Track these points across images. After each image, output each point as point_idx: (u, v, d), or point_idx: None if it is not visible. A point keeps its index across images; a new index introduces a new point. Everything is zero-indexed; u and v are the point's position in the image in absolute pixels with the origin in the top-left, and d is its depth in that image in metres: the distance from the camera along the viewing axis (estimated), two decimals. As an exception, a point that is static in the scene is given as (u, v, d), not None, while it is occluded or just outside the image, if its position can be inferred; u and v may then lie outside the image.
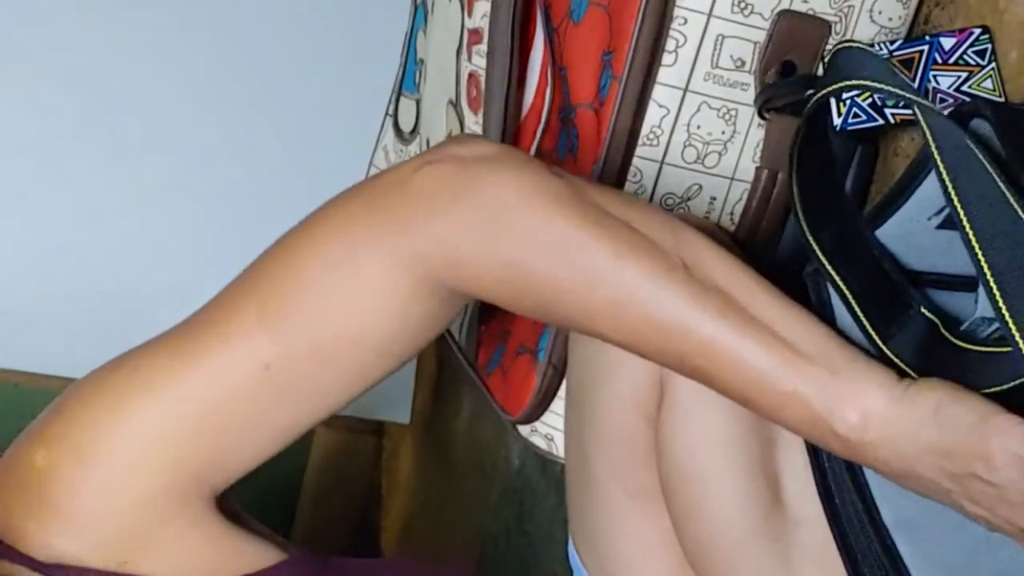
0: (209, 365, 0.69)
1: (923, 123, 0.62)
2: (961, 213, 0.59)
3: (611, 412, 0.80)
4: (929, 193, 0.73)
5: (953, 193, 0.60)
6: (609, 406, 0.80)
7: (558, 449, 1.01)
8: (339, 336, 0.69)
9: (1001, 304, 0.57)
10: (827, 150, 0.78)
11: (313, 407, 0.72)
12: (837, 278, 0.70)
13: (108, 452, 0.69)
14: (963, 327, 0.68)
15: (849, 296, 0.69)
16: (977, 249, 0.58)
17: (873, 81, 0.66)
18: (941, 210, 0.73)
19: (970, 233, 0.59)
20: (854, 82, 0.66)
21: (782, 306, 0.66)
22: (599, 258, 0.65)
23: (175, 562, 0.70)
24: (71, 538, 0.69)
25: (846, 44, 0.70)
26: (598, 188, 0.68)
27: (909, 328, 0.67)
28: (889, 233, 0.74)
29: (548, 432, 1.01)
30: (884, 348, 0.66)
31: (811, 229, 0.72)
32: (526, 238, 0.66)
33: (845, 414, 0.63)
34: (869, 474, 0.72)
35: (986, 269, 0.58)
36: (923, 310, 0.67)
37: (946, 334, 0.67)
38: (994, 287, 0.58)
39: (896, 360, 0.66)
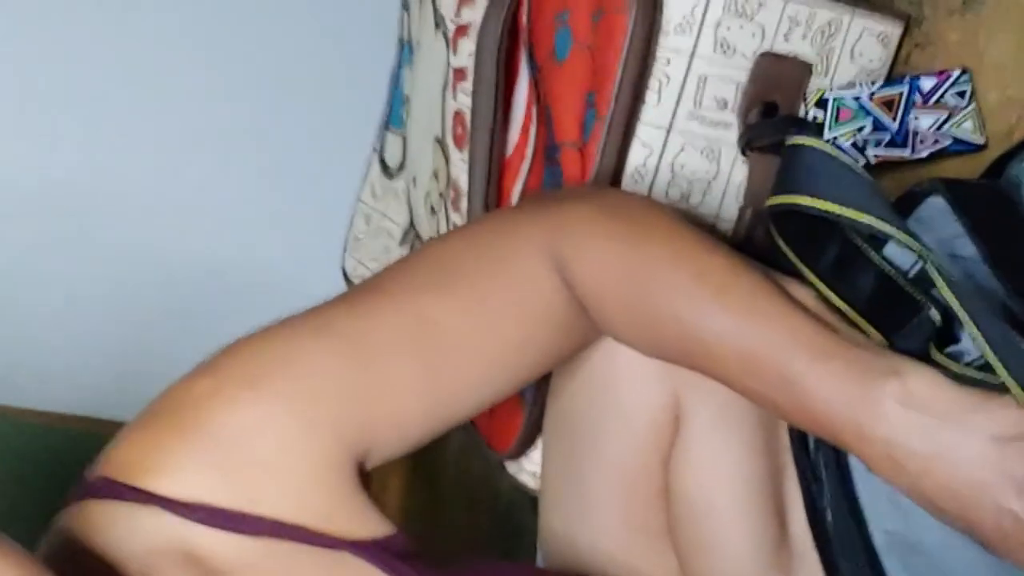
0: (383, 315, 0.72)
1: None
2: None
3: (623, 449, 0.80)
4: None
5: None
6: (622, 443, 0.80)
7: (545, 487, 1.01)
8: (499, 302, 0.74)
9: None
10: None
11: (477, 373, 0.74)
12: (836, 298, 0.72)
13: (279, 381, 0.69)
14: (948, 349, 0.69)
15: (852, 313, 0.71)
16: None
17: (857, 210, 0.67)
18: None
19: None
20: (833, 208, 0.69)
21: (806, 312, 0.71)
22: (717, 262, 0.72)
23: (306, 512, 0.68)
24: (208, 472, 0.67)
25: (822, 148, 0.70)
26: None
27: (915, 333, 0.69)
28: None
29: (535, 470, 1.00)
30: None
31: (805, 261, 0.73)
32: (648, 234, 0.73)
33: (887, 382, 0.64)
34: (861, 492, 0.72)
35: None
36: (933, 311, 0.68)
37: (933, 350, 0.68)
38: None
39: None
